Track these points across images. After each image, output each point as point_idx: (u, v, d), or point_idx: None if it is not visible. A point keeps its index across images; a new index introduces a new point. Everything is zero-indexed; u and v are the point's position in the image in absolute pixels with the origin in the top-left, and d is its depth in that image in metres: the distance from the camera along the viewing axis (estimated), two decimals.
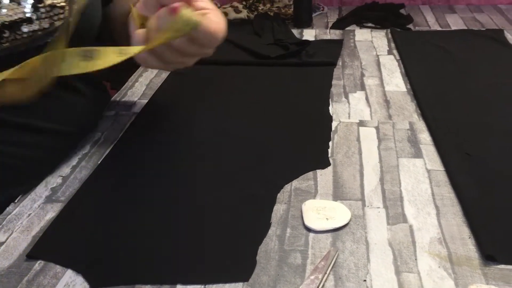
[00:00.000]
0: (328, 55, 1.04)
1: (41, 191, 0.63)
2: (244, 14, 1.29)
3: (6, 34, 0.56)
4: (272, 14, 1.30)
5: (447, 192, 0.59)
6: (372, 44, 1.12)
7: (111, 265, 0.51)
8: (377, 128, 0.75)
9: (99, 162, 0.68)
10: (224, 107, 0.84)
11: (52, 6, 0.59)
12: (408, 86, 0.89)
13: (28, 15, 0.57)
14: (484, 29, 1.18)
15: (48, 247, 0.54)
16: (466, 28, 1.20)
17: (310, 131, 0.75)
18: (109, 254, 0.52)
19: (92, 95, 0.75)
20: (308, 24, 1.26)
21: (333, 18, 1.33)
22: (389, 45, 1.11)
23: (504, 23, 1.22)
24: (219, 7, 1.31)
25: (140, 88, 0.93)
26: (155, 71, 1.00)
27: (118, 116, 0.81)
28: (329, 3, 1.47)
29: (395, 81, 0.91)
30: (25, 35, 0.57)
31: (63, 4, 0.59)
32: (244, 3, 1.36)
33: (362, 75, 0.95)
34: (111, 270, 0.50)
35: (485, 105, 0.80)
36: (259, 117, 0.80)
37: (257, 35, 1.19)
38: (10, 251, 0.53)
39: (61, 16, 0.59)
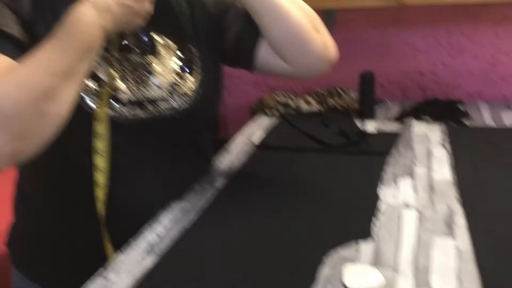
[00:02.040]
0: (385, 145, 1.19)
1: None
2: (314, 107, 1.48)
3: (149, 106, 0.83)
4: (339, 107, 1.48)
5: (471, 268, 0.70)
6: (426, 137, 1.25)
7: None
8: (419, 211, 0.87)
9: (187, 228, 0.86)
10: (292, 186, 1.00)
11: (184, 94, 0.86)
12: (454, 176, 1.01)
13: (165, 97, 0.84)
14: None
15: None
16: None
17: (359, 208, 0.89)
18: None
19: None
20: (371, 116, 1.43)
21: (395, 111, 1.49)
22: (442, 138, 1.23)
23: None
24: (293, 101, 1.52)
25: (222, 168, 1.12)
26: (235, 153, 1.20)
27: (203, 189, 1.00)
28: (393, 98, 1.63)
29: (442, 171, 1.03)
30: (161, 110, 0.84)
31: (190, 93, 0.86)
32: (315, 96, 1.56)
33: (413, 163, 1.08)
34: None
35: None
36: (318, 194, 0.95)
37: (324, 125, 1.37)
38: None
39: (187, 101, 0.86)
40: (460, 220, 0.83)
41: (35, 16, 0.76)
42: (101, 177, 0.78)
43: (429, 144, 1.20)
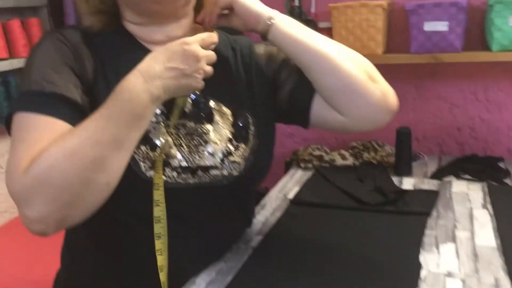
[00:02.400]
0: (424, 205, 1.16)
1: None
2: (350, 161, 1.47)
3: (199, 173, 0.82)
4: (375, 162, 1.47)
5: None
6: (467, 197, 1.21)
7: None
8: (463, 280, 0.84)
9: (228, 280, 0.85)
10: (326, 247, 0.98)
11: (233, 162, 0.84)
12: (498, 242, 0.97)
13: (217, 164, 0.83)
14: None
15: None
16: None
17: (399, 275, 0.86)
18: None
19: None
20: (408, 172, 1.40)
21: (432, 167, 1.46)
22: (484, 199, 1.20)
23: None
24: (327, 154, 1.51)
25: (257, 225, 1.11)
26: (270, 209, 1.19)
27: (239, 249, 0.99)
28: (429, 153, 1.61)
29: (486, 236, 1.00)
30: (211, 177, 0.82)
31: (241, 161, 0.84)
32: (350, 150, 1.55)
33: (454, 227, 1.05)
34: None
35: None
36: (354, 257, 0.93)
37: (360, 181, 1.35)
38: None
39: (237, 168, 0.84)
40: None
41: (98, 79, 0.78)
42: (159, 243, 0.77)
43: (470, 205, 1.16)
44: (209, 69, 0.77)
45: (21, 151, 0.67)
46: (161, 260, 0.76)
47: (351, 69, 0.84)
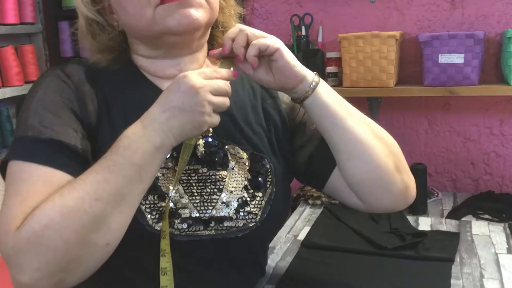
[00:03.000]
0: (445, 249, 1.08)
1: None
2: None
3: (212, 224, 0.73)
4: None
5: None
6: (490, 240, 1.14)
7: None
8: None
9: None
10: None
11: (249, 212, 0.75)
12: None
13: (231, 215, 0.74)
14: None
15: None
16: None
17: None
18: None
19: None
20: (424, 211, 1.33)
21: (448, 205, 1.38)
22: (507, 242, 1.12)
23: None
24: None
25: (268, 270, 1.02)
26: (279, 253, 1.10)
27: None
28: (442, 189, 1.54)
29: None
30: (224, 228, 0.74)
31: (257, 212, 0.76)
32: None
33: (482, 275, 0.97)
34: None
35: None
36: None
37: (373, 220, 1.27)
38: None
39: (253, 219, 0.75)
40: None
41: (102, 122, 0.71)
42: (165, 279, 0.70)
43: (495, 249, 1.09)
44: (218, 100, 0.66)
45: (14, 205, 0.60)
46: None
47: (383, 159, 0.76)
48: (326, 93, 0.76)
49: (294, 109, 0.85)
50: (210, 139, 0.76)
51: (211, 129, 0.76)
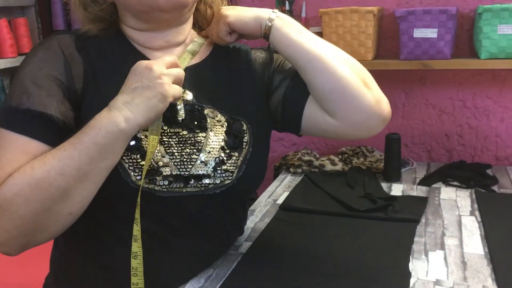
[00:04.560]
0: (413, 212, 1.16)
1: None
2: (339, 166, 1.47)
3: (192, 182, 0.80)
4: (364, 167, 1.47)
5: None
6: (455, 204, 1.22)
7: None
8: None
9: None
10: (315, 253, 0.98)
11: (226, 170, 0.82)
12: (486, 250, 0.97)
13: (209, 173, 0.81)
14: None
15: None
16: None
17: (389, 283, 0.86)
18: None
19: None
20: (397, 178, 1.40)
21: (421, 173, 1.46)
22: (472, 206, 1.20)
23: None
24: (317, 159, 1.51)
25: (246, 230, 1.10)
26: (259, 215, 1.18)
27: (228, 255, 0.98)
28: (418, 159, 1.62)
29: (474, 243, 1.00)
30: (203, 185, 0.81)
31: (233, 170, 0.82)
32: (339, 156, 1.55)
33: (443, 234, 1.05)
34: None
35: None
36: (343, 264, 0.93)
37: (349, 187, 1.35)
38: None
39: (230, 177, 0.82)
40: None
41: (88, 90, 0.77)
42: (136, 246, 0.76)
43: (459, 212, 1.17)
44: (173, 71, 0.74)
45: None
46: (134, 262, 0.76)
47: (345, 72, 0.82)
48: (284, 26, 0.84)
49: (267, 63, 0.92)
50: (190, 104, 0.83)
51: (181, 99, 0.82)
